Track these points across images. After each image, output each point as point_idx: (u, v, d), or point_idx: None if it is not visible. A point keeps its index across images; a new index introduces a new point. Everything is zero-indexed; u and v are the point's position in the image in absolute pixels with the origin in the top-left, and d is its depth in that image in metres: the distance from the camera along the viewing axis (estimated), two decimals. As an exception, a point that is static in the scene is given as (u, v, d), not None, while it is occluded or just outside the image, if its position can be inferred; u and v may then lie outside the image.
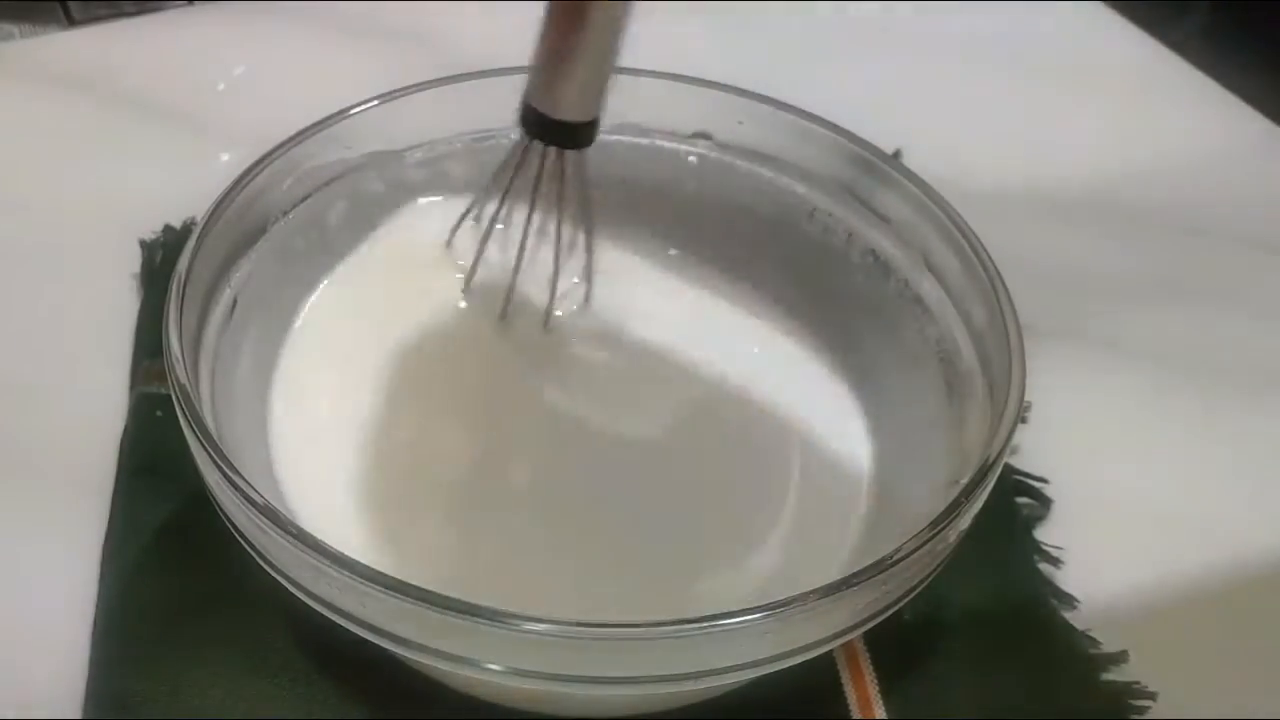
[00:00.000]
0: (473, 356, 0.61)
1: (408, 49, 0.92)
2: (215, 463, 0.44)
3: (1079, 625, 0.60)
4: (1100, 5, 1.07)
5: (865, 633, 0.46)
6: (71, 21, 1.07)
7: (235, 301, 0.55)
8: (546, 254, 0.61)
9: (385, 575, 0.41)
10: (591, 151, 0.62)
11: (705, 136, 0.65)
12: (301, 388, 0.58)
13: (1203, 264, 0.82)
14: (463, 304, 0.63)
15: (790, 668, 0.45)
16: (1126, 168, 0.90)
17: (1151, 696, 0.57)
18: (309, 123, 0.58)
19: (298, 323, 0.61)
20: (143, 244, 0.73)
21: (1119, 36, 1.05)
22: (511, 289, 0.61)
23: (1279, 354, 0.76)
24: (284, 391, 0.58)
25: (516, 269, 0.61)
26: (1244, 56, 1.08)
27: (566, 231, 0.61)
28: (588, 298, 0.63)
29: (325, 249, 0.61)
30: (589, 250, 0.62)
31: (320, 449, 0.56)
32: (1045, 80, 0.99)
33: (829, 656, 0.56)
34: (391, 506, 0.55)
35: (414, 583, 0.41)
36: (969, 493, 0.46)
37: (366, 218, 0.63)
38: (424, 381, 0.60)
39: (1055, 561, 0.62)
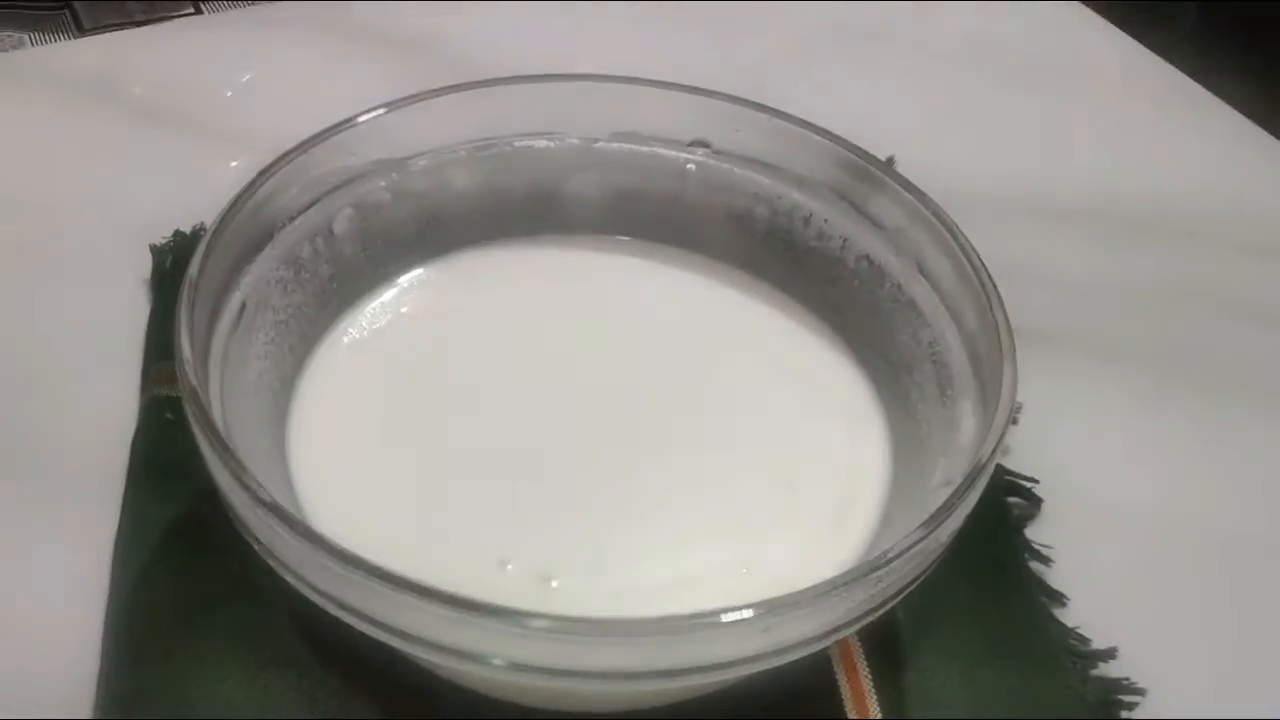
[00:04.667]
0: (497, 359, 0.62)
1: (414, 57, 0.92)
2: (223, 462, 0.45)
3: (1069, 622, 0.60)
4: (1087, 10, 1.08)
5: (859, 630, 0.47)
6: (81, 30, 1.08)
7: (244, 305, 0.55)
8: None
9: (390, 571, 0.41)
10: (589, 160, 0.62)
11: (703, 144, 0.65)
12: (327, 393, 0.59)
13: (1191, 267, 0.82)
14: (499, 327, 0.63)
15: (784, 665, 0.45)
16: (1117, 172, 0.90)
17: (1141, 692, 0.57)
18: (316, 130, 0.59)
19: (334, 331, 0.62)
20: (153, 249, 0.73)
21: (1107, 42, 1.05)
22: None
23: (1266, 356, 0.76)
24: (308, 395, 0.59)
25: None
26: (1231, 61, 1.08)
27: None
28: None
29: (336, 260, 0.62)
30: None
31: (340, 453, 0.57)
32: (1035, 85, 0.99)
33: (823, 654, 0.56)
34: (413, 510, 0.55)
35: (425, 581, 0.41)
36: (961, 493, 0.46)
37: (380, 227, 0.63)
38: (453, 389, 0.61)
39: (1045, 560, 0.63)
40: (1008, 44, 1.04)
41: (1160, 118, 0.97)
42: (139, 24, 0.96)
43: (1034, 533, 0.64)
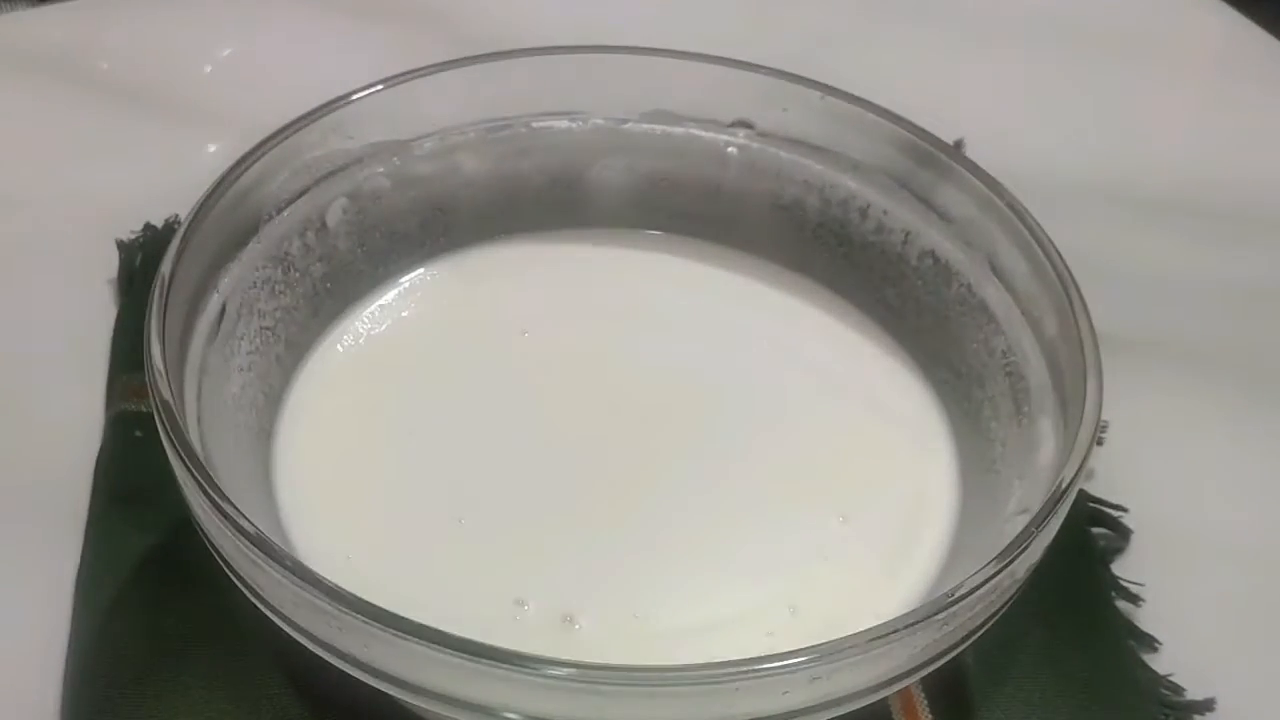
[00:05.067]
0: (511, 370, 0.62)
1: (416, 27, 0.92)
2: (201, 486, 0.44)
3: (1160, 670, 0.60)
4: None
5: (923, 679, 0.46)
6: (40, -3, 1.08)
7: (224, 309, 0.55)
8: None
9: (390, 613, 0.41)
10: (617, 143, 0.62)
11: (746, 125, 0.65)
12: (319, 409, 0.59)
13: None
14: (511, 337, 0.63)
15: (839, 717, 0.45)
16: (1215, 160, 0.90)
17: (1241, 749, 0.57)
18: (306, 109, 0.59)
19: (327, 339, 0.62)
20: (120, 245, 0.73)
21: (1203, 11, 1.05)
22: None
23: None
24: (297, 411, 0.59)
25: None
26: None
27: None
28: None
29: (329, 258, 0.62)
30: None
31: (333, 480, 0.57)
32: (1121, 59, 0.99)
33: (882, 706, 0.56)
34: (416, 542, 0.55)
35: (425, 623, 0.41)
36: (1040, 522, 0.46)
37: (379, 220, 0.63)
38: (461, 405, 0.60)
39: (1134, 599, 0.62)
40: (1090, 13, 1.03)
41: (1263, 97, 0.97)
42: (105, -10, 0.96)
43: (1121, 568, 0.63)
